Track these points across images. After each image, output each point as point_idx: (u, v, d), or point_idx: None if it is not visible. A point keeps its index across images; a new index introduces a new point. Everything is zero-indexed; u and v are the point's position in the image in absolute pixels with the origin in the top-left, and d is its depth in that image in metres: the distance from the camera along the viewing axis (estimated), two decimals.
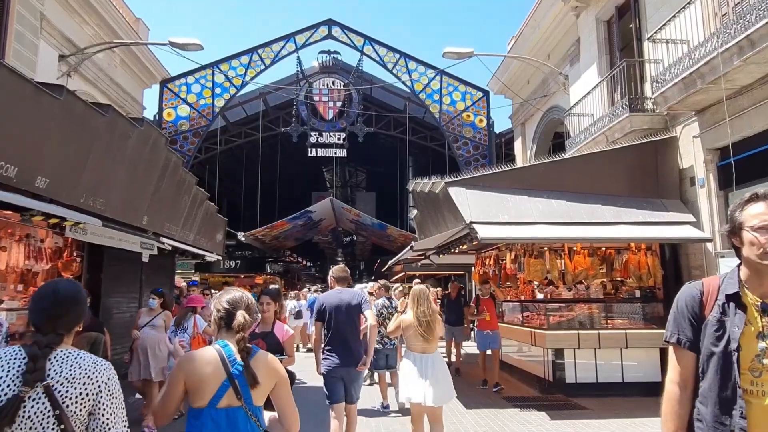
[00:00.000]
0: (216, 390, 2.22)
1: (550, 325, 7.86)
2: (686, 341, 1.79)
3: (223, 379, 2.23)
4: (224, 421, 2.21)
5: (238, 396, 2.23)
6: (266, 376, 2.33)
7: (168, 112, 15.72)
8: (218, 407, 2.21)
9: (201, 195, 9.83)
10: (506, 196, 7.67)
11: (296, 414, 2.42)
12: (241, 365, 2.27)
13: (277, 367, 2.42)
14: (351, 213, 18.23)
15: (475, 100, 16.82)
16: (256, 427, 2.28)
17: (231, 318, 2.38)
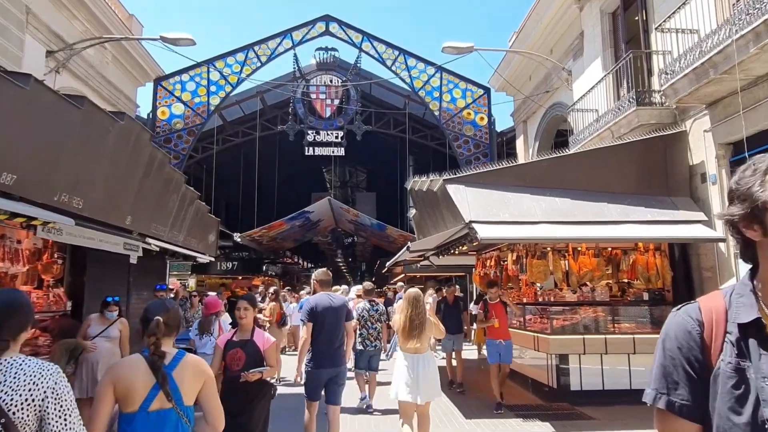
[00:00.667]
0: (146, 394, 2.31)
1: (553, 329, 7.49)
2: (683, 405, 1.14)
3: (153, 383, 2.33)
4: (156, 424, 2.30)
5: (168, 398, 2.32)
6: (193, 377, 2.45)
7: (162, 110, 15.40)
8: (149, 411, 2.30)
9: (190, 194, 9.48)
10: (507, 194, 7.31)
11: (220, 411, 2.52)
12: (170, 368, 2.39)
13: (203, 368, 2.54)
14: (350, 213, 17.88)
15: (475, 97, 16.45)
16: (186, 427, 2.38)
17: (175, 326, 2.57)
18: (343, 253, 41.76)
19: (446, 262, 12.53)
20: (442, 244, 8.28)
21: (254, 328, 4.26)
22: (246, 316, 4.20)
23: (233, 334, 4.27)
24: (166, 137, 15.25)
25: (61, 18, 11.29)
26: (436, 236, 7.79)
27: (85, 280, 7.91)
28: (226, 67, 15.71)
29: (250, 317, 4.24)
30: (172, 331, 2.59)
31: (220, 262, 19.72)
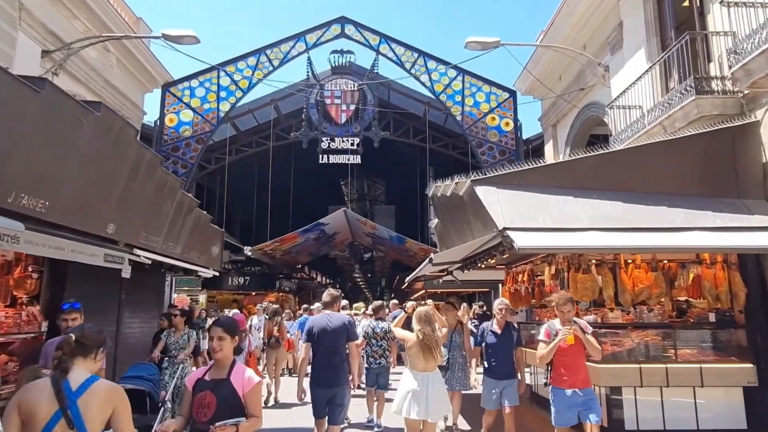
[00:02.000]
0: (47, 420, 2.26)
1: (604, 356, 6.32)
2: None
3: (56, 410, 2.28)
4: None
5: (70, 426, 2.27)
6: (102, 405, 2.40)
7: (170, 117, 14.70)
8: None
9: (189, 201, 8.60)
10: (547, 197, 6.23)
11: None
12: (76, 394, 2.33)
13: (115, 396, 2.47)
14: (366, 225, 16.90)
15: (500, 101, 15.43)
16: None
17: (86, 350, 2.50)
18: (362, 269, 40.77)
19: (471, 277, 11.43)
20: (469, 255, 7.20)
21: (234, 365, 3.25)
22: (221, 348, 3.19)
23: (206, 370, 3.28)
24: (173, 145, 14.53)
25: (59, 17, 10.64)
26: (463, 247, 6.72)
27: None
28: (237, 71, 15.00)
29: (227, 348, 3.22)
30: (87, 353, 2.50)
31: (232, 276, 18.89)
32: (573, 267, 6.61)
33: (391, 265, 32.59)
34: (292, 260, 20.87)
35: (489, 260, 7.82)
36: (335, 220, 16.41)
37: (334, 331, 5.13)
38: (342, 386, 5.15)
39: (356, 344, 5.32)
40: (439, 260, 7.15)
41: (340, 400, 5.14)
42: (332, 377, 5.07)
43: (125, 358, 8.69)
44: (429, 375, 4.99)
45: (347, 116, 15.57)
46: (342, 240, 22.33)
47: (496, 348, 6.25)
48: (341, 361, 5.16)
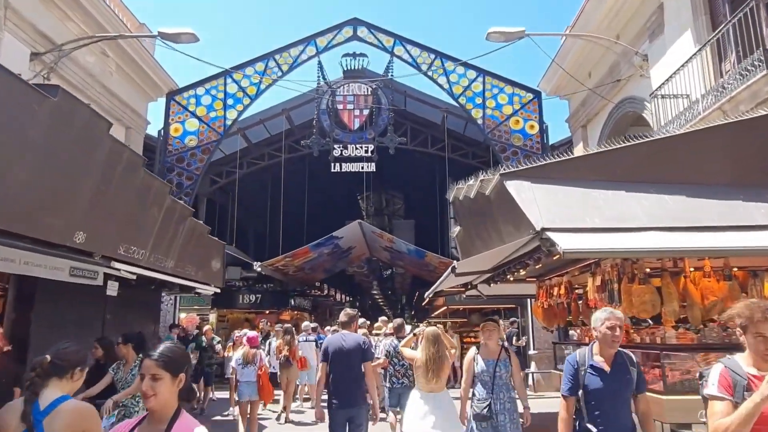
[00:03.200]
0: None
1: (668, 386, 5.17)
2: None
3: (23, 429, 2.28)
4: None
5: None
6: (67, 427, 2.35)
7: (175, 127, 13.99)
8: None
9: (181, 209, 7.72)
10: (594, 192, 5.16)
11: None
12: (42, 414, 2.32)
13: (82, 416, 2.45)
14: (383, 238, 15.91)
15: (524, 102, 14.39)
16: None
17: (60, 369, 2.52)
18: (381, 286, 39.62)
19: (497, 292, 10.31)
20: (499, 264, 6.11)
21: (178, 413, 2.19)
22: (155, 392, 2.19)
23: (135, 423, 2.28)
24: (178, 156, 13.79)
25: (51, 17, 9.99)
26: (491, 254, 5.65)
27: (32, 318, 6.15)
28: (244, 78, 14.27)
29: (165, 392, 2.22)
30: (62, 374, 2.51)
31: (243, 294, 17.99)
32: (626, 276, 5.49)
33: (410, 282, 31.47)
34: (306, 277, 19.91)
35: (520, 271, 6.74)
36: (350, 233, 15.45)
37: (349, 351, 5.07)
38: (359, 406, 5.08)
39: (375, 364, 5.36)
40: (464, 269, 6.08)
41: (359, 421, 5.05)
42: (349, 397, 5.02)
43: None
44: (434, 395, 5.03)
45: (361, 122, 14.69)
46: (359, 255, 21.34)
47: (603, 396, 3.52)
48: (358, 380, 5.12)
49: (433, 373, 5.09)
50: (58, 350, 2.59)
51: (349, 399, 5.00)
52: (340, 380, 5.04)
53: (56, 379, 2.47)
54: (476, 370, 5.29)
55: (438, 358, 5.13)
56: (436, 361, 5.12)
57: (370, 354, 5.27)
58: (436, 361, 5.12)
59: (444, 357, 5.25)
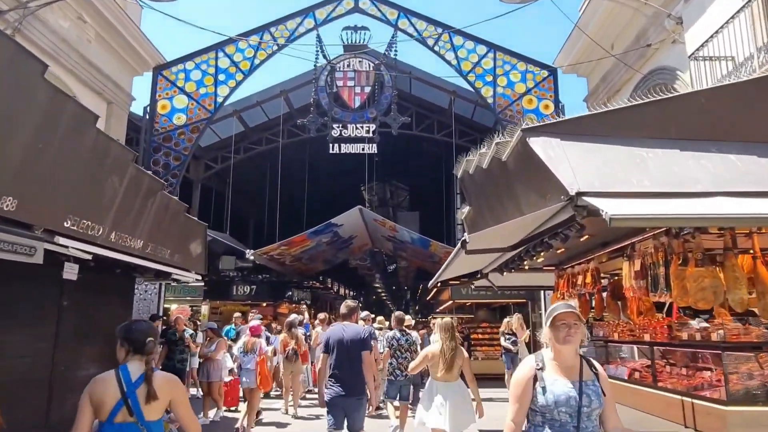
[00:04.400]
0: (112, 407, 2.59)
1: (730, 393, 4.13)
2: None
3: (118, 398, 2.60)
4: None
5: (130, 413, 2.59)
6: (161, 394, 2.69)
7: (162, 103, 13.02)
8: (114, 422, 2.59)
9: (149, 182, 6.73)
10: (640, 151, 4.13)
11: (195, 422, 2.86)
12: (134, 386, 2.65)
13: (171, 386, 2.81)
14: (386, 226, 14.92)
15: (538, 80, 13.32)
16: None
17: (140, 344, 2.77)
18: (384, 281, 38.67)
19: (511, 282, 9.30)
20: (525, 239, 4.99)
21: None
22: None
23: None
24: (165, 135, 12.82)
25: None
26: (512, 227, 4.60)
27: None
28: (237, 52, 13.26)
29: None
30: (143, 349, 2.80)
31: (238, 285, 17.07)
32: (676, 258, 4.44)
33: (415, 276, 30.48)
34: (305, 268, 18.96)
35: (540, 254, 5.72)
36: (350, 221, 14.46)
37: (349, 341, 5.15)
38: (359, 396, 5.15)
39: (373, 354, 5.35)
40: (477, 245, 4.99)
41: (356, 408, 5.13)
42: (349, 387, 5.08)
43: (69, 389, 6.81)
44: (449, 384, 5.07)
45: (362, 100, 13.65)
46: (361, 246, 20.35)
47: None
48: (357, 370, 5.15)
49: (447, 362, 5.06)
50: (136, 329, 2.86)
51: (349, 388, 5.07)
52: (340, 370, 5.11)
53: (139, 355, 2.72)
54: (542, 400, 2.79)
55: (452, 347, 5.13)
56: (451, 350, 5.12)
57: (369, 344, 5.33)
58: (451, 351, 5.11)
59: (458, 347, 5.24)
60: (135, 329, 2.85)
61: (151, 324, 3.08)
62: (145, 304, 11.94)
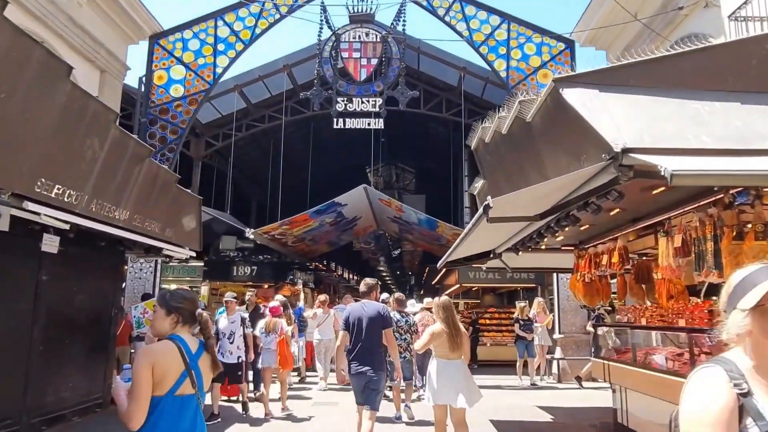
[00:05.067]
0: (176, 379, 2.42)
1: None
2: None
3: (182, 370, 2.44)
4: (180, 408, 2.43)
5: (193, 385, 2.47)
6: (209, 368, 2.63)
7: (159, 74, 12.41)
8: (176, 395, 2.41)
9: (135, 147, 6.18)
10: (694, 104, 3.54)
11: None
12: (196, 356, 2.53)
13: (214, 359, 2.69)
14: (392, 206, 14.35)
15: (554, 53, 12.61)
16: (200, 411, 2.56)
17: (190, 315, 2.63)
18: (389, 265, 38.18)
19: (525, 263, 8.74)
20: (559, 204, 4.29)
21: None
22: None
23: None
24: (162, 107, 12.23)
25: None
26: (544, 187, 3.95)
27: None
28: (237, 20, 12.60)
29: None
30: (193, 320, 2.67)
31: (238, 266, 16.59)
32: (729, 230, 3.85)
33: (420, 260, 29.99)
34: (308, 249, 18.45)
35: (565, 229, 5.16)
36: (354, 200, 13.88)
37: (369, 319, 5.18)
38: (377, 373, 5.11)
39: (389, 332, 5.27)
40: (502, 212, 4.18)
41: (374, 386, 5.13)
42: (368, 364, 5.09)
43: (49, 371, 6.33)
44: (454, 363, 5.08)
45: (368, 72, 12.98)
46: (365, 228, 19.80)
47: None
48: (377, 347, 5.19)
49: (451, 340, 5.06)
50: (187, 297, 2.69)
51: (368, 366, 5.08)
52: (359, 347, 5.14)
53: (188, 325, 2.63)
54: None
55: (454, 324, 5.14)
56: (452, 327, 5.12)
57: (390, 321, 5.35)
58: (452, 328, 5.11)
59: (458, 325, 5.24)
60: (182, 298, 2.65)
61: (192, 293, 2.86)
62: (140, 283, 11.46)
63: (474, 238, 5.11)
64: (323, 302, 10.57)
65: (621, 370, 6.11)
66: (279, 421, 7.44)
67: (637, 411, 6.37)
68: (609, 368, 6.45)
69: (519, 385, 10.54)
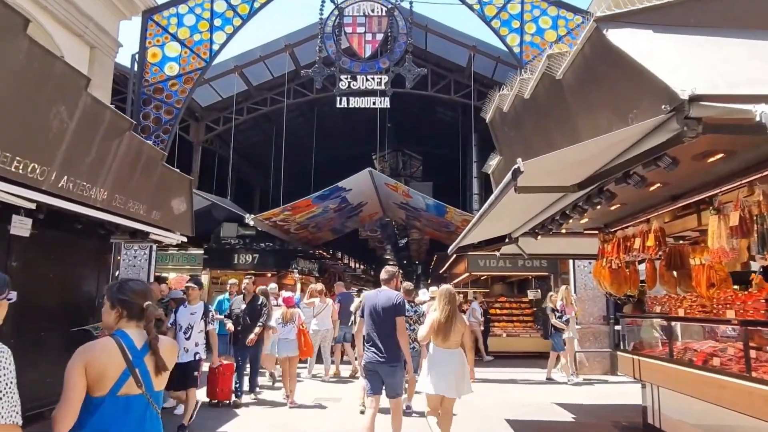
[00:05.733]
0: (116, 378, 2.22)
1: None
2: None
3: (124, 368, 2.23)
4: (124, 409, 2.22)
5: (138, 384, 2.26)
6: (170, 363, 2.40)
7: (153, 51, 11.78)
8: (118, 395, 2.22)
9: (113, 118, 5.56)
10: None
11: None
12: (141, 353, 2.30)
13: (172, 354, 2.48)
14: (398, 191, 13.70)
15: (571, 27, 11.85)
16: (155, 413, 2.33)
17: (136, 309, 2.38)
18: (396, 254, 37.65)
19: (542, 250, 8.08)
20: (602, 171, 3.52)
21: None
22: None
23: None
24: (156, 86, 11.61)
25: None
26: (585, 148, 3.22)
27: None
28: None
29: None
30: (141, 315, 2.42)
31: (240, 254, 16.03)
32: None
33: (427, 249, 29.37)
34: (312, 237, 17.86)
35: (594, 206, 4.50)
36: (359, 184, 13.25)
37: (383, 307, 5.13)
38: (393, 362, 5.05)
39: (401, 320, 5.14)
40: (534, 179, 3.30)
41: (391, 375, 5.07)
42: (384, 353, 5.04)
43: (26, 366, 5.77)
44: (448, 352, 5.00)
45: (373, 48, 12.26)
46: (371, 215, 19.19)
47: None
48: (391, 336, 5.09)
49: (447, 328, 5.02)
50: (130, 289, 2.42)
51: (383, 354, 5.02)
52: (374, 335, 5.12)
53: (135, 321, 2.38)
54: None
55: (451, 314, 5.07)
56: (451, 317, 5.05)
57: (402, 309, 5.20)
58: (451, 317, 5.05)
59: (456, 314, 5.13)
60: (129, 290, 2.41)
61: (145, 284, 2.60)
62: (135, 270, 10.92)
63: (494, 216, 4.46)
64: (320, 292, 10.09)
65: (655, 366, 5.47)
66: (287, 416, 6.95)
67: (671, 411, 5.75)
68: (639, 363, 5.82)
69: (569, 380, 9.71)
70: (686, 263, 5.89)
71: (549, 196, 4.42)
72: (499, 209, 4.06)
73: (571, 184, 3.64)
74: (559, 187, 3.71)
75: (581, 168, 3.44)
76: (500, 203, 3.54)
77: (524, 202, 4.36)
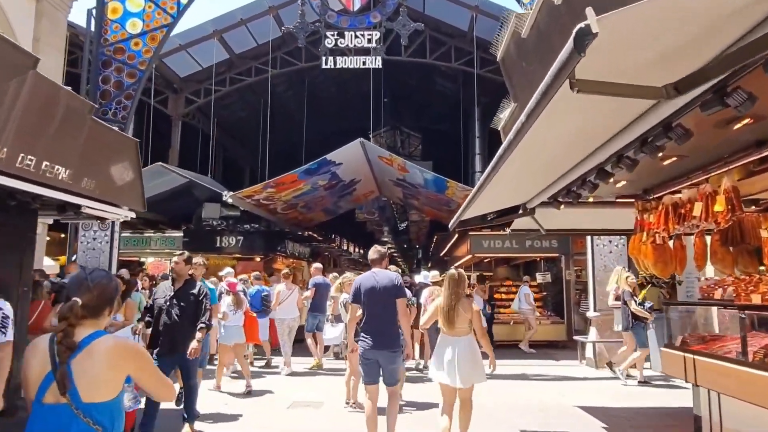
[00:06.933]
0: (39, 383, 1.90)
1: None
2: None
3: (47, 372, 1.89)
4: (50, 419, 1.89)
5: (62, 391, 1.85)
6: (105, 368, 1.91)
7: (113, 6, 10.38)
8: (43, 403, 1.89)
9: (13, 54, 4.23)
10: None
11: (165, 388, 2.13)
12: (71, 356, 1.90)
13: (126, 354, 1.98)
14: (393, 165, 12.36)
15: None
16: (87, 426, 1.87)
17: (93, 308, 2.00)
18: (396, 238, 36.44)
19: (562, 225, 6.79)
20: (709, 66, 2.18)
21: None
22: None
23: None
24: (117, 46, 10.23)
25: None
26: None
27: None
28: None
29: None
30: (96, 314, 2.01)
31: (223, 236, 14.76)
32: None
33: (427, 231, 28.13)
34: (302, 217, 16.57)
35: (632, 165, 3.21)
36: (350, 158, 11.92)
37: (382, 289, 4.79)
38: (393, 348, 4.80)
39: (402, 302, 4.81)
40: (609, 62, 1.95)
41: (392, 361, 4.80)
42: (383, 339, 4.75)
43: None
44: (456, 339, 4.79)
45: (363, 1, 10.86)
46: (365, 194, 17.88)
47: None
48: (392, 321, 4.83)
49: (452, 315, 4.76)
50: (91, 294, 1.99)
51: (383, 340, 4.75)
52: (372, 321, 4.80)
53: (89, 321, 1.97)
54: None
55: (451, 300, 4.80)
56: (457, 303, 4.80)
57: (403, 291, 4.93)
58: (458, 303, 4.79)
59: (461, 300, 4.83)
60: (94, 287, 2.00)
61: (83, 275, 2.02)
62: (94, 254, 9.66)
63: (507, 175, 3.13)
64: (286, 276, 9.02)
65: (719, 368, 4.21)
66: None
67: (736, 424, 4.50)
68: (694, 363, 4.56)
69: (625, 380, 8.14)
70: (748, 236, 4.64)
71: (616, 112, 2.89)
72: (522, 152, 2.74)
73: (663, 85, 2.25)
74: (647, 88, 2.27)
75: (684, 52, 2.07)
76: (532, 130, 2.20)
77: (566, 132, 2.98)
